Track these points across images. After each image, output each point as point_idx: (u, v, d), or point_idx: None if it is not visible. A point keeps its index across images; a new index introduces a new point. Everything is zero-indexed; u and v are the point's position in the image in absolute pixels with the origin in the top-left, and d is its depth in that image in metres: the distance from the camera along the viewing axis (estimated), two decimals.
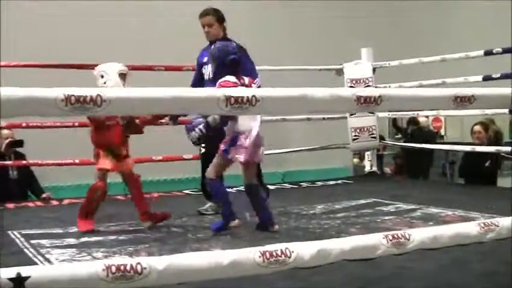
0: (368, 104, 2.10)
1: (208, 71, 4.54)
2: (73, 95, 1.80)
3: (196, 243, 3.56)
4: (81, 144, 4.25)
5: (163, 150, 6.22)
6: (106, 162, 3.99)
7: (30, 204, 5.50)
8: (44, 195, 5.90)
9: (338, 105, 2.12)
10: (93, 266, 1.81)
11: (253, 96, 1.93)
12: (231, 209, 3.90)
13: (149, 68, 6.16)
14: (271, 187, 6.24)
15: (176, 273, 1.90)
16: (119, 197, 5.83)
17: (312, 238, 3.46)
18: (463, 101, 2.32)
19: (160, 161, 6.22)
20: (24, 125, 5.65)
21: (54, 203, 5.51)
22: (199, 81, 4.56)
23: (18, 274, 1.70)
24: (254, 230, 3.92)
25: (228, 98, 1.90)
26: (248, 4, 8.96)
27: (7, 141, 5.83)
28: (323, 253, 2.03)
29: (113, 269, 1.80)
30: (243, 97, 1.92)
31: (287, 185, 6.51)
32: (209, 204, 4.55)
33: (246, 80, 3.86)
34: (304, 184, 6.47)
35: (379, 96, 2.13)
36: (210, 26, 4.53)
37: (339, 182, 6.61)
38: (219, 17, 4.57)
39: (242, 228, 3.99)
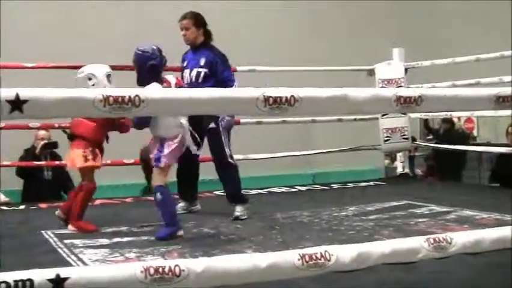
0: (408, 104, 2.06)
1: (186, 75, 4.53)
2: (111, 96, 1.78)
3: (228, 245, 3.55)
4: (113, 144, 4.25)
5: None
6: (99, 161, 4.09)
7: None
8: None
9: (379, 105, 2.07)
10: (132, 267, 1.80)
11: (292, 96, 1.90)
12: (177, 219, 3.81)
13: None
14: (301, 188, 6.22)
15: (215, 276, 1.88)
16: (150, 198, 5.84)
17: (344, 240, 3.43)
18: (505, 101, 2.25)
19: None
20: (56, 125, 5.68)
21: None
22: None
23: (58, 275, 1.69)
24: (286, 231, 3.89)
25: (266, 99, 1.87)
26: (275, 3, 8.86)
27: (42, 143, 5.91)
28: (363, 256, 1.98)
29: (152, 271, 1.78)
30: (281, 97, 1.89)
31: (318, 186, 6.46)
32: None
33: (173, 80, 3.88)
34: (335, 185, 6.41)
35: (419, 97, 2.08)
36: (187, 30, 4.46)
37: (371, 183, 6.53)
38: (197, 21, 4.47)
39: (274, 229, 3.96)
